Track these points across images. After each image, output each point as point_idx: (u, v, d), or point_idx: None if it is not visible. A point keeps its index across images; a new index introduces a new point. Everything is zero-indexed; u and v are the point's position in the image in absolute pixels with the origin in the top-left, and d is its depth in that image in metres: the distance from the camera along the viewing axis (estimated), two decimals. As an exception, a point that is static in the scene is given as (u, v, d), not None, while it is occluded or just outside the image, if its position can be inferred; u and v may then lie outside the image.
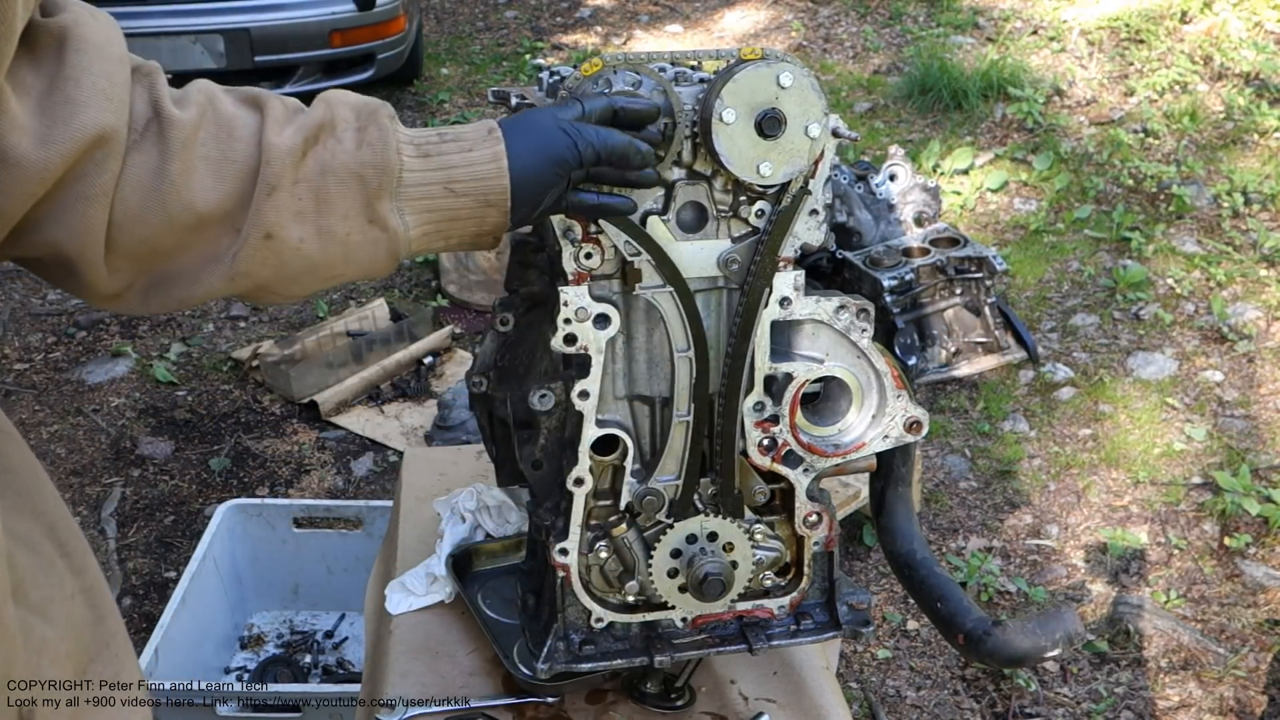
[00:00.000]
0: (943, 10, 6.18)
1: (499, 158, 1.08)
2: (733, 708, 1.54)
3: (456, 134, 1.08)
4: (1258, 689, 2.80)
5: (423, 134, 1.08)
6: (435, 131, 1.09)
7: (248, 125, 0.98)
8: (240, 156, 0.97)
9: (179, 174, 0.94)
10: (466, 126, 1.10)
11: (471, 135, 1.09)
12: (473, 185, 1.07)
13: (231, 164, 0.97)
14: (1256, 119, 4.91)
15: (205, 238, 0.98)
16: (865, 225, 4.11)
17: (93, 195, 0.90)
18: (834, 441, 1.40)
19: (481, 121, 1.11)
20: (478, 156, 1.07)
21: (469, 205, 1.07)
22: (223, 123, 0.98)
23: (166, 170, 0.94)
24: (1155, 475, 3.46)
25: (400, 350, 4.01)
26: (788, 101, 1.19)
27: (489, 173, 1.07)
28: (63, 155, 0.87)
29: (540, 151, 1.10)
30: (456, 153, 1.07)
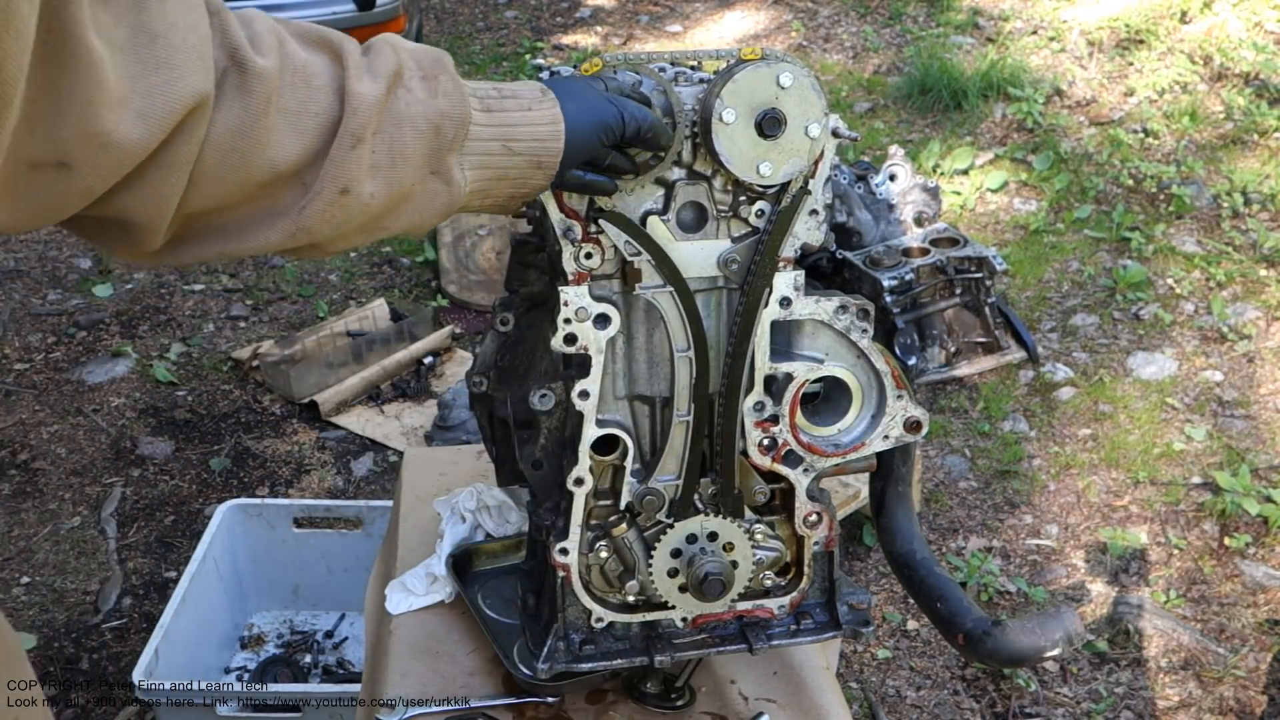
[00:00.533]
0: (943, 10, 6.18)
1: (557, 120, 1.05)
2: (733, 708, 1.54)
3: (513, 90, 1.05)
4: (1258, 689, 2.80)
5: (482, 87, 1.04)
6: (491, 85, 1.05)
7: (325, 73, 0.92)
8: (320, 108, 0.91)
9: (262, 132, 0.87)
10: (518, 85, 1.07)
11: (527, 94, 1.05)
12: (530, 145, 1.05)
13: (312, 117, 0.90)
14: (1256, 119, 4.91)
15: (272, 194, 0.91)
16: (865, 225, 4.12)
17: (176, 163, 0.83)
18: (834, 441, 1.40)
19: (529, 82, 1.08)
20: (537, 117, 1.05)
21: (520, 166, 1.05)
22: (299, 70, 0.90)
23: (250, 129, 0.86)
24: (1155, 475, 3.46)
25: (400, 350, 4.01)
26: (788, 101, 1.19)
27: (547, 134, 1.05)
28: (161, 131, 0.80)
29: (590, 119, 1.08)
30: (516, 110, 1.04)
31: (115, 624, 3.04)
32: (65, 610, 3.08)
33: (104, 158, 0.77)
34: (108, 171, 0.79)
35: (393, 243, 4.78)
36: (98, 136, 0.76)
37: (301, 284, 4.53)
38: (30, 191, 0.77)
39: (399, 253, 4.73)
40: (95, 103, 0.75)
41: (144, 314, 4.35)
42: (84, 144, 0.75)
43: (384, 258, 4.70)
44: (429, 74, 0.99)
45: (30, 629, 3.01)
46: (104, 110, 0.75)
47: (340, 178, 0.92)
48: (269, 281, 4.55)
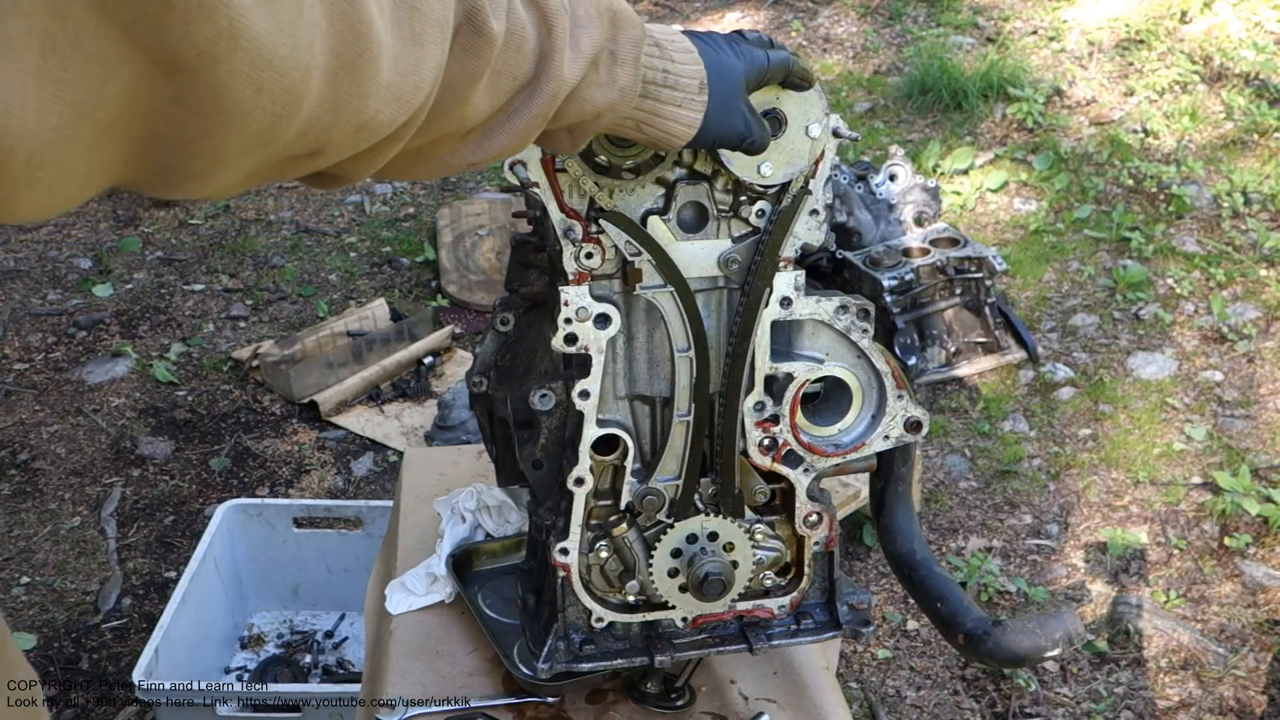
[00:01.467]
0: (943, 10, 6.18)
1: (694, 125, 1.08)
2: (733, 708, 1.54)
3: (676, 77, 1.06)
4: (1258, 689, 2.80)
5: (655, 64, 1.04)
6: (662, 65, 1.05)
7: (533, 37, 0.88)
8: (521, 74, 0.88)
9: (470, 93, 0.84)
10: (685, 62, 1.07)
11: (687, 83, 1.07)
12: (657, 136, 1.08)
13: (510, 80, 0.88)
14: (1256, 119, 4.91)
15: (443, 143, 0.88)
16: (865, 225, 4.12)
17: (404, 135, 0.80)
18: (834, 441, 1.40)
19: (697, 64, 1.08)
20: (680, 115, 1.07)
21: (635, 139, 1.08)
22: (516, 33, 0.86)
23: (462, 89, 0.83)
24: (1155, 475, 3.46)
25: (400, 350, 4.01)
26: (788, 101, 1.19)
27: (679, 134, 1.08)
28: (408, 112, 0.76)
29: (725, 133, 1.12)
30: (669, 103, 1.06)
31: (115, 624, 3.04)
32: (65, 610, 3.08)
33: (355, 140, 0.74)
34: (350, 150, 0.76)
35: (393, 242, 4.78)
36: (361, 125, 0.73)
37: (301, 284, 4.53)
38: (272, 176, 0.74)
39: (399, 253, 4.73)
40: (369, 95, 0.71)
41: (144, 314, 4.35)
42: (346, 133, 0.73)
43: (384, 258, 4.70)
44: (620, 58, 0.98)
45: (30, 629, 3.01)
46: (373, 100, 0.72)
47: (512, 145, 0.91)
48: (269, 281, 4.55)
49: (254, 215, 4.96)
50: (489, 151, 0.91)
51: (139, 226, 4.87)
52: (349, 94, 0.70)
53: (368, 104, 0.71)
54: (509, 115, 0.89)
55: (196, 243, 4.77)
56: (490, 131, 0.89)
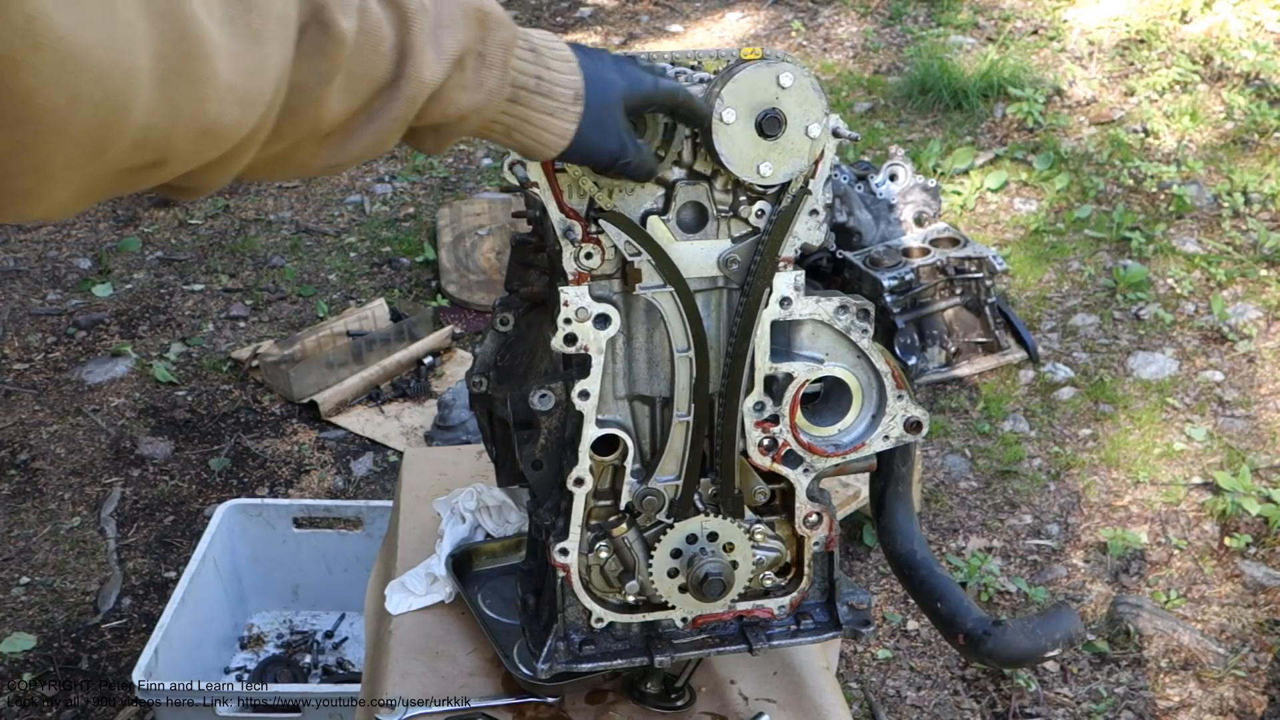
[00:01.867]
0: (943, 10, 6.18)
1: (564, 136, 1.07)
2: (733, 708, 1.54)
3: (550, 85, 1.04)
4: (1258, 689, 2.80)
5: (527, 70, 1.02)
6: (535, 70, 1.03)
7: (391, 35, 0.86)
8: (379, 74, 0.86)
9: (323, 95, 0.82)
10: (561, 70, 1.05)
11: (560, 92, 1.05)
12: (526, 144, 1.07)
13: (368, 82, 0.86)
14: (1256, 119, 4.91)
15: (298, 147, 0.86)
16: (865, 225, 4.12)
17: (256, 140, 0.76)
18: (834, 441, 1.40)
19: (575, 75, 1.06)
20: (551, 124, 1.05)
21: (504, 144, 1.07)
22: (371, 31, 0.84)
23: (313, 91, 0.80)
24: (1155, 475, 3.46)
25: (400, 350, 4.01)
26: (788, 101, 1.19)
27: (548, 144, 1.07)
28: (256, 114, 0.73)
29: (598, 150, 1.10)
30: (540, 111, 1.04)
31: (115, 624, 3.04)
32: (65, 610, 3.08)
33: (200, 147, 0.71)
34: (196, 159, 0.72)
35: (393, 242, 4.78)
36: (203, 130, 0.69)
37: (301, 284, 4.53)
38: (112, 190, 0.70)
39: (399, 253, 4.73)
40: (207, 99, 0.68)
41: (144, 314, 4.35)
42: (188, 140, 0.69)
43: (384, 258, 4.70)
44: (488, 60, 0.97)
45: (30, 629, 3.01)
46: (213, 104, 0.68)
47: (373, 147, 0.90)
48: (269, 281, 4.55)
49: (254, 215, 4.96)
50: (350, 154, 0.89)
51: (139, 226, 4.87)
52: (185, 98, 0.66)
53: (207, 107, 0.68)
54: (369, 117, 0.87)
55: (196, 243, 4.77)
56: (350, 134, 0.88)
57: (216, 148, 0.72)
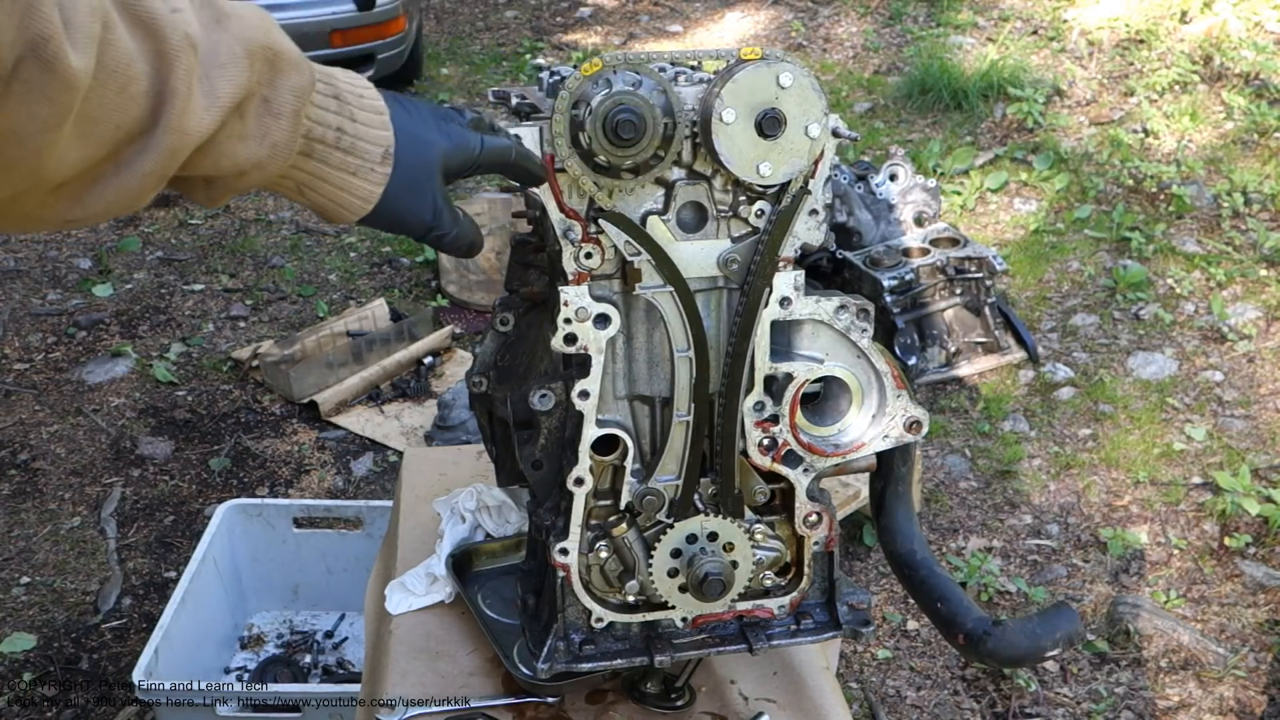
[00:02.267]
0: (943, 10, 6.18)
1: (370, 199, 0.95)
2: (733, 708, 1.54)
3: (353, 139, 0.92)
4: (1258, 689, 2.79)
5: (328, 120, 0.90)
6: (338, 121, 0.91)
7: (145, 77, 0.74)
8: (127, 121, 0.73)
9: (47, 144, 0.69)
10: (369, 124, 0.94)
11: (366, 149, 0.93)
12: (322, 204, 0.94)
13: (112, 129, 0.73)
14: (1256, 119, 4.91)
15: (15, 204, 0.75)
16: (865, 225, 4.12)
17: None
18: (834, 441, 1.40)
19: (385, 130, 0.94)
20: (352, 185, 0.93)
21: (298, 201, 0.95)
22: (118, 70, 0.71)
23: (33, 139, 0.69)
24: (1155, 475, 3.46)
25: (400, 350, 4.01)
26: (788, 101, 1.19)
27: (349, 206, 0.95)
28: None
29: (407, 218, 0.98)
30: (338, 169, 0.92)
31: (115, 624, 3.04)
32: (65, 610, 3.08)
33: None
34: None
35: (393, 242, 4.78)
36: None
37: (301, 284, 4.53)
38: None
39: (399, 253, 4.73)
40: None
41: (144, 314, 4.35)
42: None
43: (384, 258, 4.70)
44: (276, 109, 0.84)
45: (30, 629, 3.01)
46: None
47: (122, 203, 0.77)
48: (269, 281, 4.55)
49: (254, 215, 4.96)
50: (91, 209, 0.76)
51: (139, 226, 4.87)
52: None
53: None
54: (117, 168, 0.75)
55: (196, 243, 4.77)
56: (93, 185, 0.75)
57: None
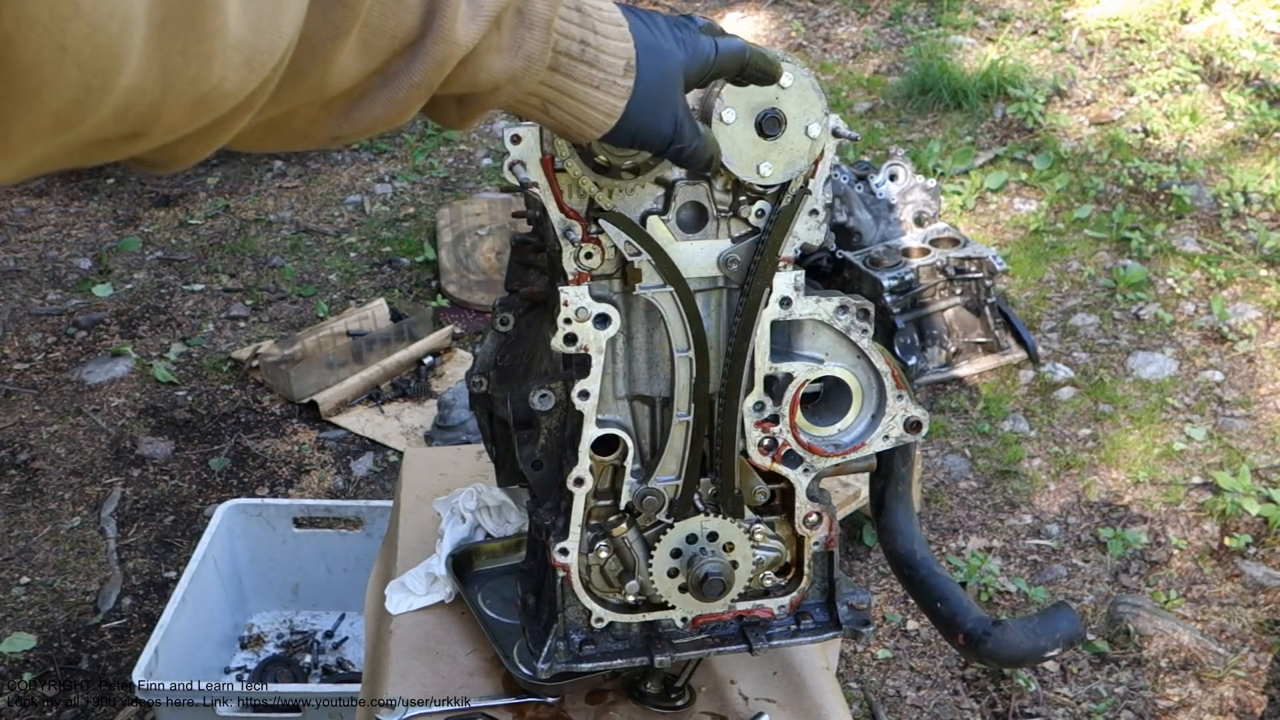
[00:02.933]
0: (943, 10, 6.18)
1: (613, 114, 0.94)
2: (733, 708, 1.54)
3: (596, 52, 0.90)
4: (1258, 689, 2.79)
5: (574, 34, 0.89)
6: (581, 34, 0.90)
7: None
8: (401, 30, 0.73)
9: (334, 52, 0.69)
10: (611, 36, 0.92)
11: (609, 61, 0.91)
12: (567, 121, 0.93)
13: (388, 38, 0.73)
14: (1256, 119, 4.91)
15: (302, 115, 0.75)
16: (865, 225, 4.12)
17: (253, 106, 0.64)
18: (834, 441, 1.40)
19: (626, 41, 0.93)
20: (597, 100, 0.92)
21: (541, 122, 0.95)
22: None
23: (323, 48, 0.68)
24: (1155, 475, 3.46)
25: (400, 350, 4.01)
26: (788, 101, 1.19)
27: (594, 122, 0.94)
28: (261, 77, 0.61)
29: (649, 131, 0.98)
30: (584, 83, 0.91)
31: (115, 624, 3.04)
32: (65, 610, 3.08)
33: (192, 116, 0.58)
34: (185, 128, 0.59)
35: (393, 242, 4.78)
36: (201, 97, 0.57)
37: (301, 284, 4.53)
38: (72, 162, 0.58)
39: (399, 253, 4.73)
40: (213, 57, 0.55)
41: (144, 314, 4.35)
42: (180, 109, 0.57)
43: (384, 258, 4.70)
44: (529, 19, 0.83)
45: (30, 629, 3.01)
46: (216, 64, 0.55)
47: (388, 118, 0.78)
48: (269, 281, 4.55)
49: (254, 215, 4.96)
50: (358, 124, 0.76)
51: (139, 226, 4.87)
52: (186, 55, 0.53)
53: (212, 68, 0.55)
54: (384, 81, 0.75)
55: (196, 243, 4.77)
56: (360, 99, 0.75)
57: (209, 116, 0.60)
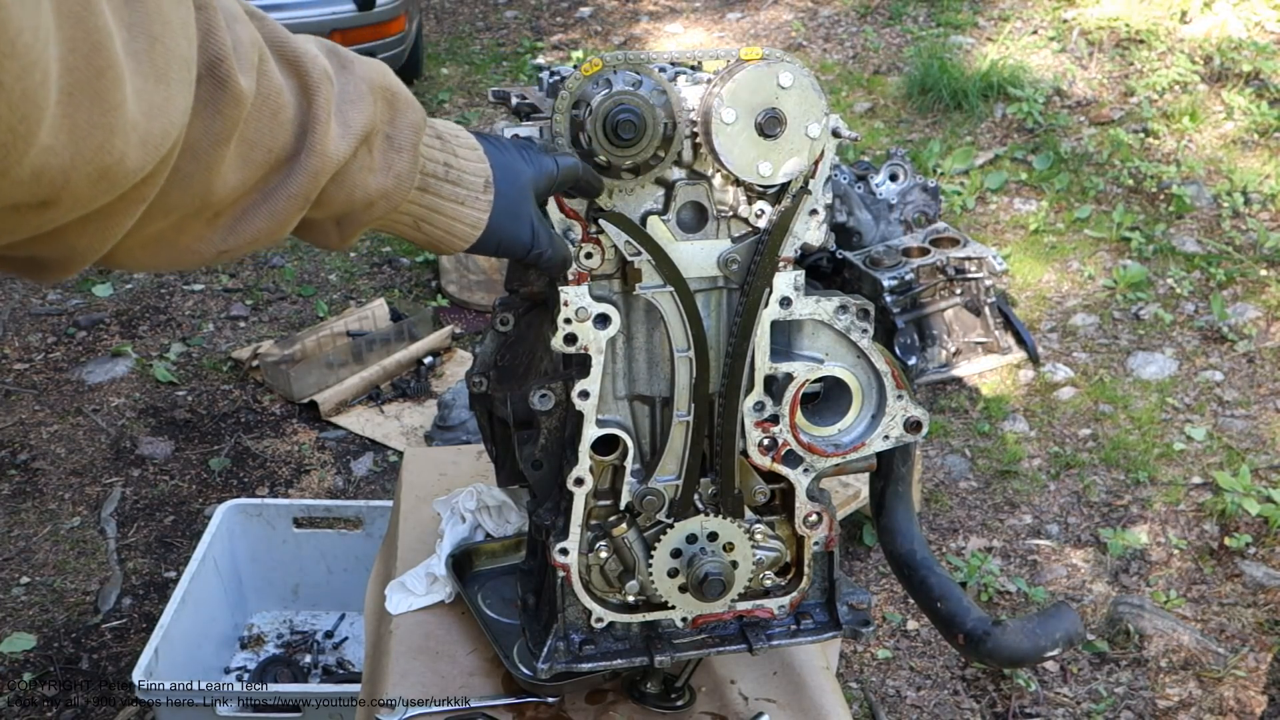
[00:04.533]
0: (943, 10, 6.18)
1: (478, 226, 1.04)
2: (733, 708, 1.54)
3: (459, 173, 1.01)
4: (1258, 689, 2.80)
5: (436, 157, 0.99)
6: (444, 158, 1.00)
7: (291, 105, 0.80)
8: (277, 145, 0.79)
9: (215, 160, 0.74)
10: (470, 158, 1.03)
11: (471, 180, 1.02)
12: (437, 236, 1.03)
13: (264, 152, 0.79)
14: (1256, 119, 4.91)
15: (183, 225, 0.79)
16: (865, 225, 4.12)
17: (145, 195, 0.68)
18: (834, 441, 1.40)
19: (482, 162, 1.04)
20: (463, 214, 1.02)
21: (412, 239, 1.03)
22: (270, 98, 0.78)
23: (205, 154, 0.73)
24: (1155, 475, 3.46)
25: (400, 350, 4.01)
26: (788, 101, 1.19)
27: (460, 234, 1.03)
28: (155, 159, 0.65)
29: (512, 240, 1.07)
30: (450, 200, 1.01)
31: (115, 624, 3.04)
32: (65, 610, 3.08)
33: (98, 186, 0.61)
34: (87, 205, 0.63)
35: (393, 242, 4.78)
36: (101, 169, 0.60)
37: (301, 284, 4.53)
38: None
39: (399, 253, 4.73)
40: (114, 129, 0.59)
41: (144, 314, 4.35)
42: (87, 178, 0.60)
43: (384, 258, 4.70)
44: (397, 143, 0.92)
45: (30, 629, 3.01)
46: (118, 139, 0.60)
47: (270, 230, 0.83)
48: (269, 281, 4.55)
49: (254, 215, 4.96)
50: (242, 237, 0.81)
51: (139, 226, 4.87)
52: (92, 124, 0.57)
53: (114, 141, 0.59)
54: (264, 195, 0.81)
55: (196, 243, 4.77)
56: (244, 214, 0.81)
57: (113, 190, 0.63)
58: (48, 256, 0.69)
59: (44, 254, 0.69)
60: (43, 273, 0.71)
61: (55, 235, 0.65)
